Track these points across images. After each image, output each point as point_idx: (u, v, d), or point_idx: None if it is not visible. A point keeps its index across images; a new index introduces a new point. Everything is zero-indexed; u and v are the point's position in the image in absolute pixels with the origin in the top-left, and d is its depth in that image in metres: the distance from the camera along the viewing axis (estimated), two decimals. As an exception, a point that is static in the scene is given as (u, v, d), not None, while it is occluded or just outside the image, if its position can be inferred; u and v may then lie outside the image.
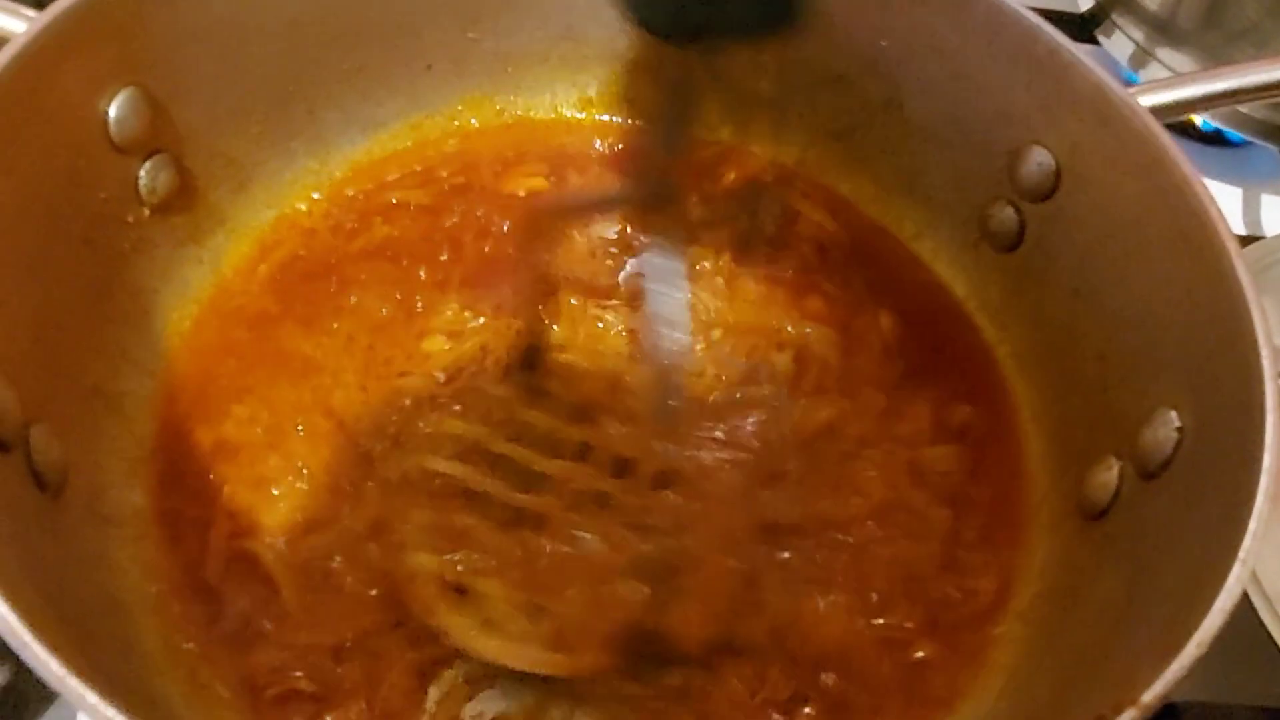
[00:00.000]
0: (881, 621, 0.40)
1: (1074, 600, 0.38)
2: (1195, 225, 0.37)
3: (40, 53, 0.36)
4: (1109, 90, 0.41)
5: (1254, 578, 0.40)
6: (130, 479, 0.41)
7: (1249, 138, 0.65)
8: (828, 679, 0.39)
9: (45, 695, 0.42)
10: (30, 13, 0.37)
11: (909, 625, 0.40)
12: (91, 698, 0.24)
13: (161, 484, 0.42)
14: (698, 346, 0.48)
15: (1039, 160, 0.45)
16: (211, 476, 0.43)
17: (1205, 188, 0.38)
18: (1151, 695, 0.25)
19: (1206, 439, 0.34)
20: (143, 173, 0.43)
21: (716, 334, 0.50)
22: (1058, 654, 0.36)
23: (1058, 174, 0.45)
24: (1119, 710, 0.25)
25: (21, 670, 0.40)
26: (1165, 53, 0.66)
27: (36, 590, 0.30)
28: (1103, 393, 0.42)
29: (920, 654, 0.39)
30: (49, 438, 0.35)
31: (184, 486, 0.42)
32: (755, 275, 0.52)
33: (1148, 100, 0.41)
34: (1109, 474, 0.39)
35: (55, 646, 0.26)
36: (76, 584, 0.35)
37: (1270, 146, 0.65)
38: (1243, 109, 0.62)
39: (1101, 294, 0.43)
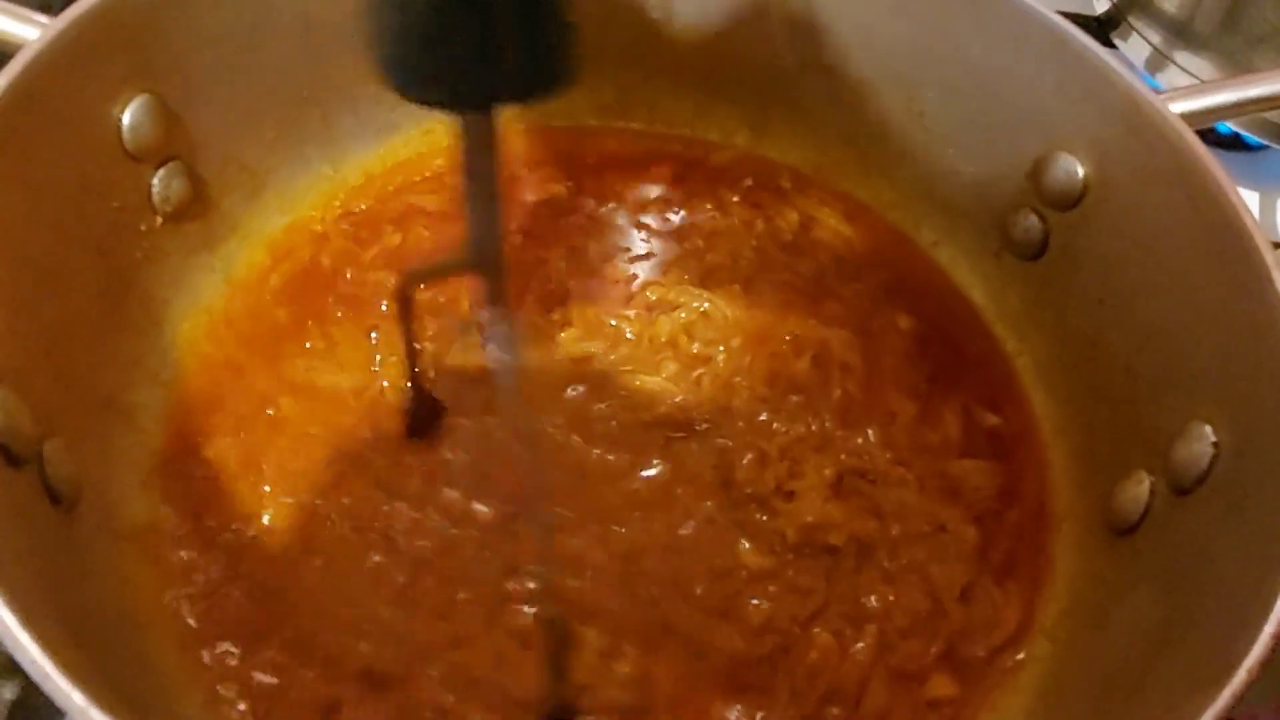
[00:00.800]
0: (897, 653, 0.40)
1: (1104, 619, 0.37)
2: (1230, 236, 0.37)
3: (53, 60, 0.36)
4: (1140, 97, 0.41)
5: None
6: (144, 492, 0.40)
7: (1267, 142, 0.64)
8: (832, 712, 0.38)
9: (57, 710, 0.41)
10: (43, 19, 0.37)
11: (927, 657, 0.39)
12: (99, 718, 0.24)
13: (174, 496, 0.41)
14: (719, 355, 0.48)
15: (1065, 167, 0.45)
16: (225, 488, 0.42)
17: (1240, 197, 0.37)
18: (1204, 722, 0.24)
19: (1244, 454, 0.34)
20: (156, 181, 0.42)
21: (736, 342, 0.49)
22: (1089, 675, 0.35)
23: (1085, 182, 0.44)
24: (1170, 740, 0.24)
25: (31, 687, 0.39)
26: (1183, 56, 0.65)
27: (52, 609, 0.30)
28: (1130, 405, 0.41)
29: (935, 693, 0.39)
30: (62, 452, 0.35)
31: (197, 498, 0.42)
32: (773, 282, 0.52)
33: (1179, 107, 0.40)
34: (1139, 489, 0.38)
35: (66, 664, 0.26)
36: (92, 600, 0.35)
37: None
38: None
39: (1130, 305, 0.42)
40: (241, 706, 0.37)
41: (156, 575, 0.39)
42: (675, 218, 0.54)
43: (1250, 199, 0.68)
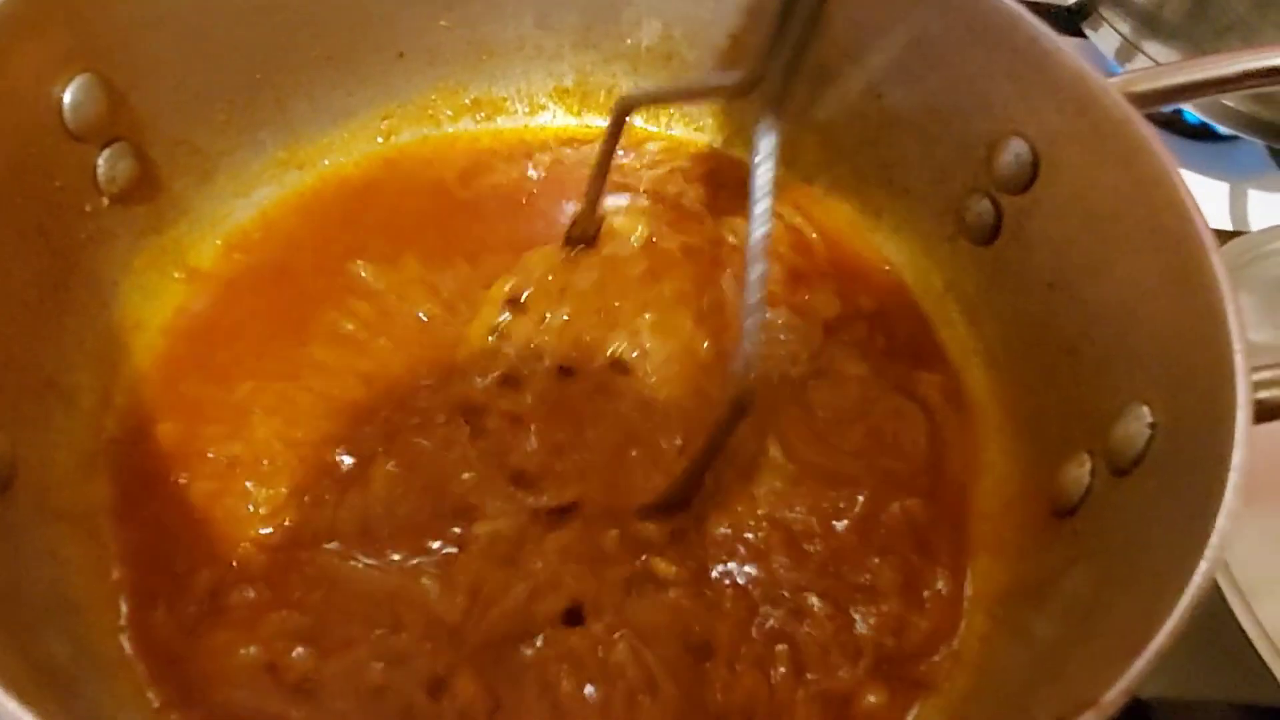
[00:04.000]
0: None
1: (1041, 597, 0.37)
2: (1173, 218, 0.36)
3: (-13, 36, 0.35)
4: (1088, 78, 0.40)
5: (1227, 572, 0.39)
6: (85, 474, 0.40)
7: (1234, 131, 0.64)
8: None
9: None
10: (-22, -4, 0.36)
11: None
12: (10, 704, 0.23)
13: (118, 479, 0.41)
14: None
15: (1017, 151, 0.44)
16: (171, 471, 0.42)
17: (1183, 179, 0.37)
18: (1114, 694, 0.24)
19: (1179, 435, 0.34)
20: (101, 161, 0.42)
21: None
22: (1023, 651, 0.35)
23: (1035, 165, 0.44)
24: (1080, 710, 0.24)
25: None
26: (1152, 46, 0.65)
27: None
28: (1075, 388, 0.41)
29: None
30: (-5, 432, 0.34)
31: (142, 481, 0.41)
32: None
33: (1128, 89, 0.40)
34: (1081, 470, 0.38)
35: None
36: (24, 581, 0.34)
37: (1256, 140, 0.64)
38: (1228, 102, 0.61)
39: (1077, 287, 0.42)
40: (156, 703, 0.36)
41: (95, 557, 0.39)
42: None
43: (1219, 189, 0.68)
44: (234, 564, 0.39)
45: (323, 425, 0.43)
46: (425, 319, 0.47)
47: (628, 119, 0.46)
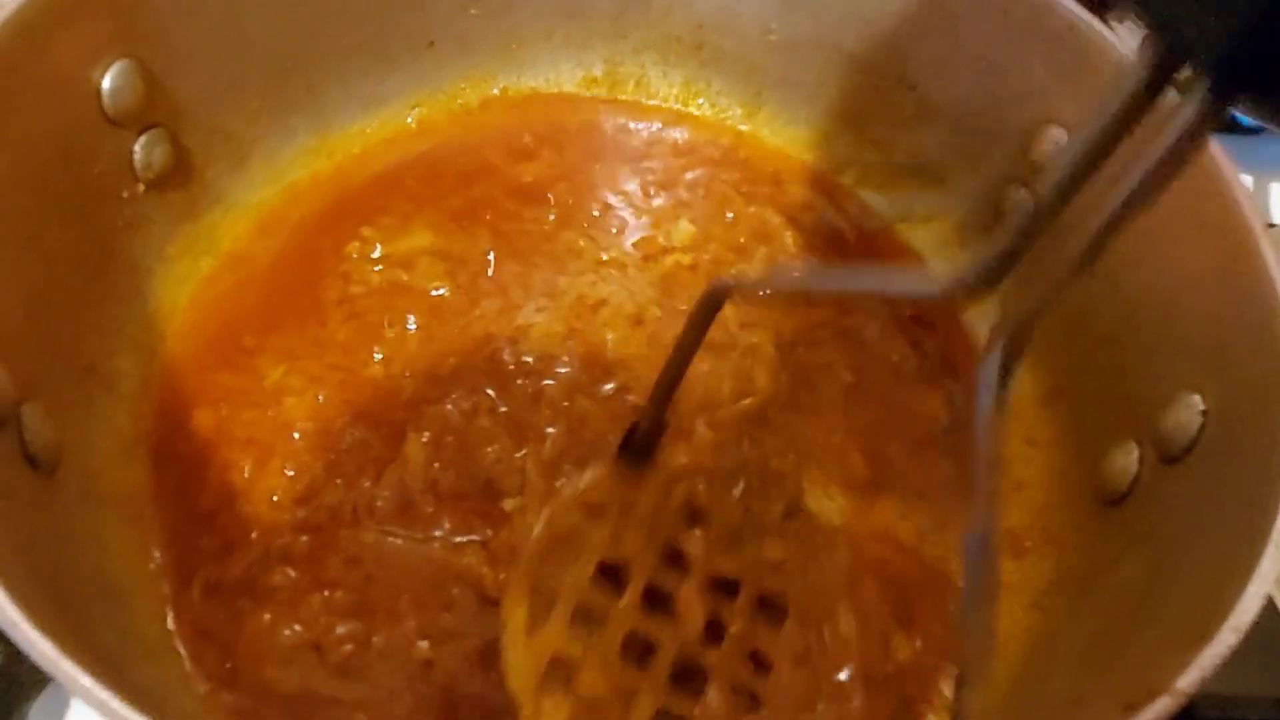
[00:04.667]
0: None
1: (1089, 587, 0.37)
2: (1218, 206, 0.36)
3: (30, 22, 0.35)
4: (1126, 64, 0.40)
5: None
6: (126, 459, 0.40)
7: (1261, 124, 0.64)
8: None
9: (39, 680, 0.41)
10: (19, -21, 0.36)
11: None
12: (85, 680, 0.23)
13: (158, 464, 0.41)
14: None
15: (1055, 140, 0.44)
16: (209, 456, 0.42)
17: (1230, 167, 0.37)
18: (1187, 682, 0.24)
19: (1231, 421, 0.34)
20: (138, 147, 0.42)
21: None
22: (1070, 642, 0.35)
23: (1074, 154, 0.44)
24: (1152, 697, 0.24)
25: (14, 654, 0.39)
26: None
27: (29, 571, 0.29)
28: (1119, 377, 0.41)
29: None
30: (42, 416, 0.34)
31: (181, 467, 0.41)
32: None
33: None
34: (1128, 459, 0.38)
35: (48, 629, 0.25)
36: (71, 566, 0.34)
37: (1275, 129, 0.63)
38: None
39: (1117, 276, 0.42)
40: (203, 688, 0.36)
41: (137, 541, 0.38)
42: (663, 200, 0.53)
43: (1244, 182, 0.68)
44: (274, 545, 0.39)
45: (353, 403, 0.43)
46: (446, 294, 0.47)
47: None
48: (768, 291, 0.40)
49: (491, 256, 0.49)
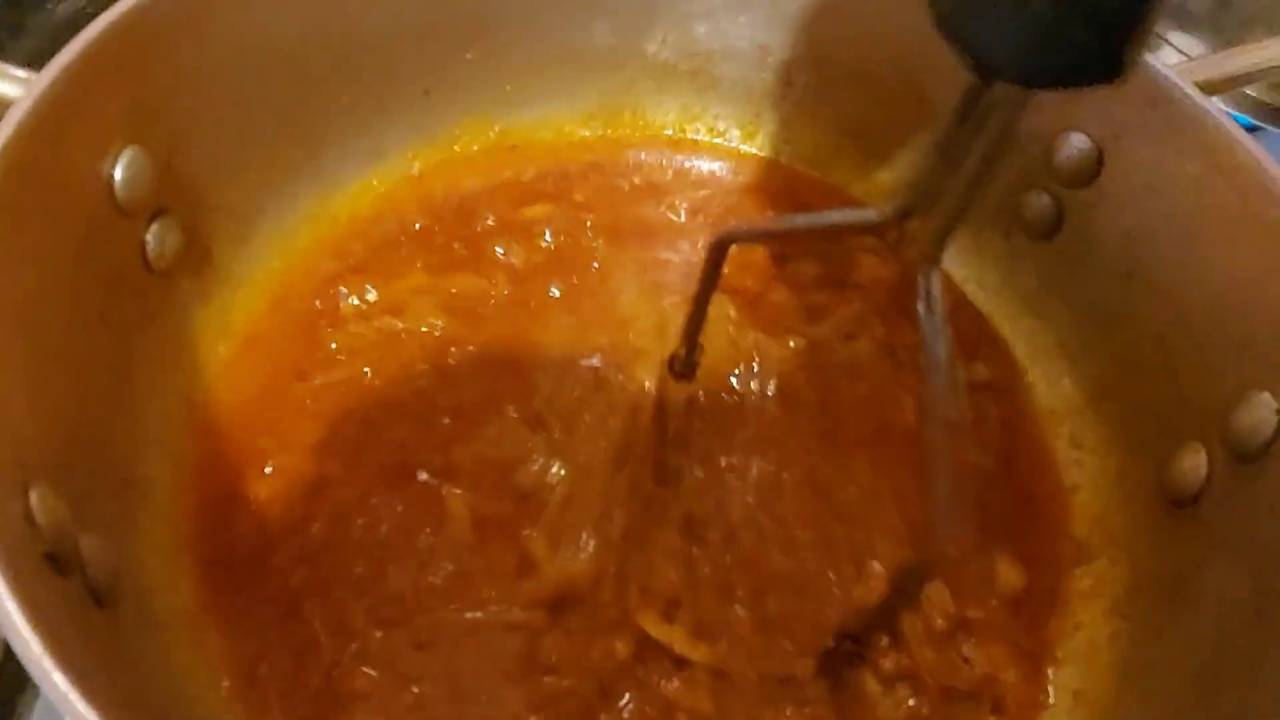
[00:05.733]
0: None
1: (1180, 593, 0.37)
2: (1268, 204, 0.37)
3: (43, 118, 0.32)
4: (1156, 72, 0.41)
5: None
6: (174, 573, 0.37)
7: (1257, 122, 0.65)
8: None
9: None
10: (21, 73, 0.33)
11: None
12: None
13: (204, 575, 0.38)
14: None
15: (1078, 146, 0.45)
16: (256, 554, 0.39)
17: (1274, 165, 0.37)
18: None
19: (1314, 419, 0.34)
20: (150, 236, 0.39)
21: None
22: (1183, 653, 0.35)
23: (1100, 159, 0.44)
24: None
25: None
26: (1178, 37, 0.66)
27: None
28: (1171, 377, 0.42)
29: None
30: (100, 548, 0.32)
31: (228, 575, 0.39)
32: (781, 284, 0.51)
33: (1195, 77, 0.41)
34: (1197, 459, 0.39)
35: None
36: (146, 696, 0.32)
37: (1275, 130, 0.65)
38: (1250, 92, 0.62)
39: (1158, 277, 0.43)
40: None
41: (203, 661, 0.36)
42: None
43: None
44: (346, 649, 0.37)
45: (387, 465, 0.42)
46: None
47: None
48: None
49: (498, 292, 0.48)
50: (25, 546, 0.26)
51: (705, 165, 0.56)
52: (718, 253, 0.38)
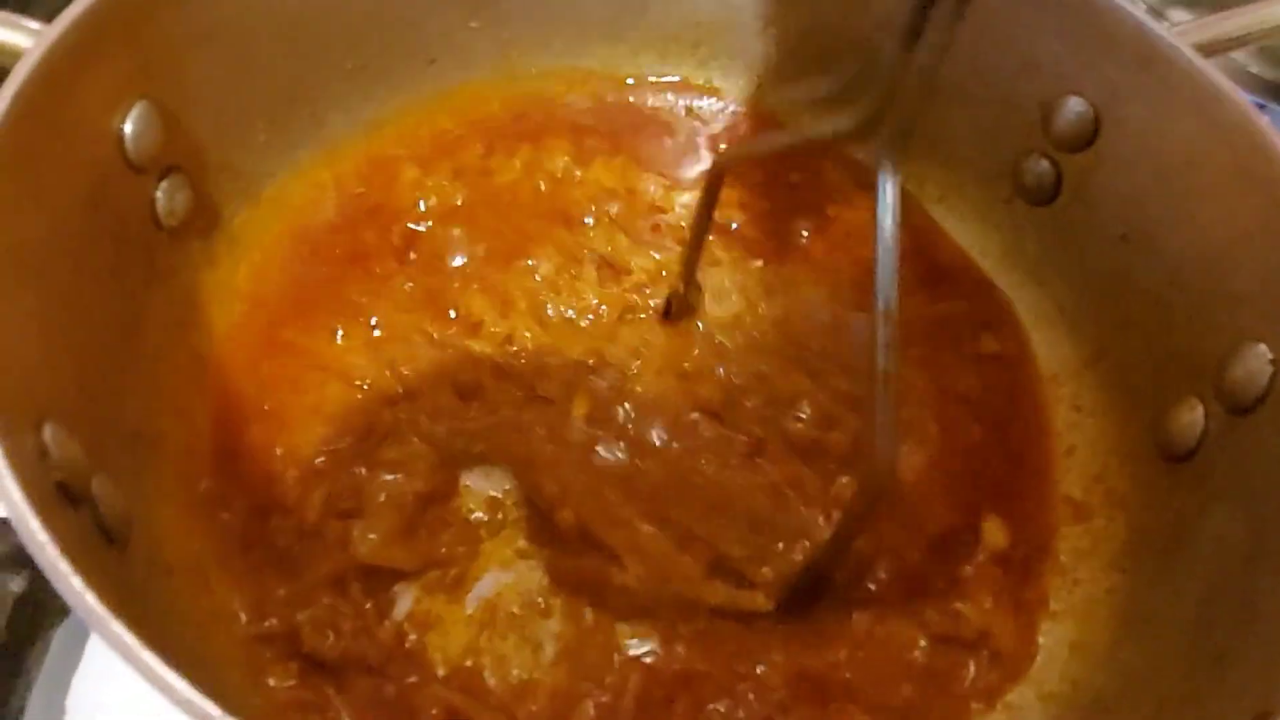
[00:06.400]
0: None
1: (1178, 544, 0.38)
2: (1260, 160, 0.37)
3: (53, 68, 0.33)
4: (1150, 32, 0.41)
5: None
6: (185, 524, 0.38)
7: (1257, 99, 0.66)
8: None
9: (63, 606, 0.38)
10: (34, 24, 0.34)
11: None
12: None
13: (214, 525, 0.39)
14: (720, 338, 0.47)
15: (1076, 110, 0.45)
16: (262, 507, 0.40)
17: (1265, 120, 0.38)
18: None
19: (1307, 367, 0.35)
20: (160, 193, 0.40)
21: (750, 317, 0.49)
22: (1179, 601, 0.36)
23: (1096, 122, 0.45)
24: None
25: (39, 581, 0.39)
26: (1178, 13, 0.66)
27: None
28: (1167, 335, 0.42)
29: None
30: (111, 487, 0.32)
31: (237, 524, 0.39)
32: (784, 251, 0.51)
33: (1191, 38, 0.41)
34: (1193, 414, 0.39)
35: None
36: (156, 639, 0.32)
37: (1278, 108, 0.65)
38: (1253, 69, 0.62)
39: (1155, 237, 0.43)
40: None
41: (212, 611, 0.37)
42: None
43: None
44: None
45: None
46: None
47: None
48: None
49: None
50: (39, 474, 0.27)
51: (708, 130, 0.56)
52: (715, 181, 0.40)
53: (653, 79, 0.56)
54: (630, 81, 0.55)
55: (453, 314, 0.46)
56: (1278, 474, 0.34)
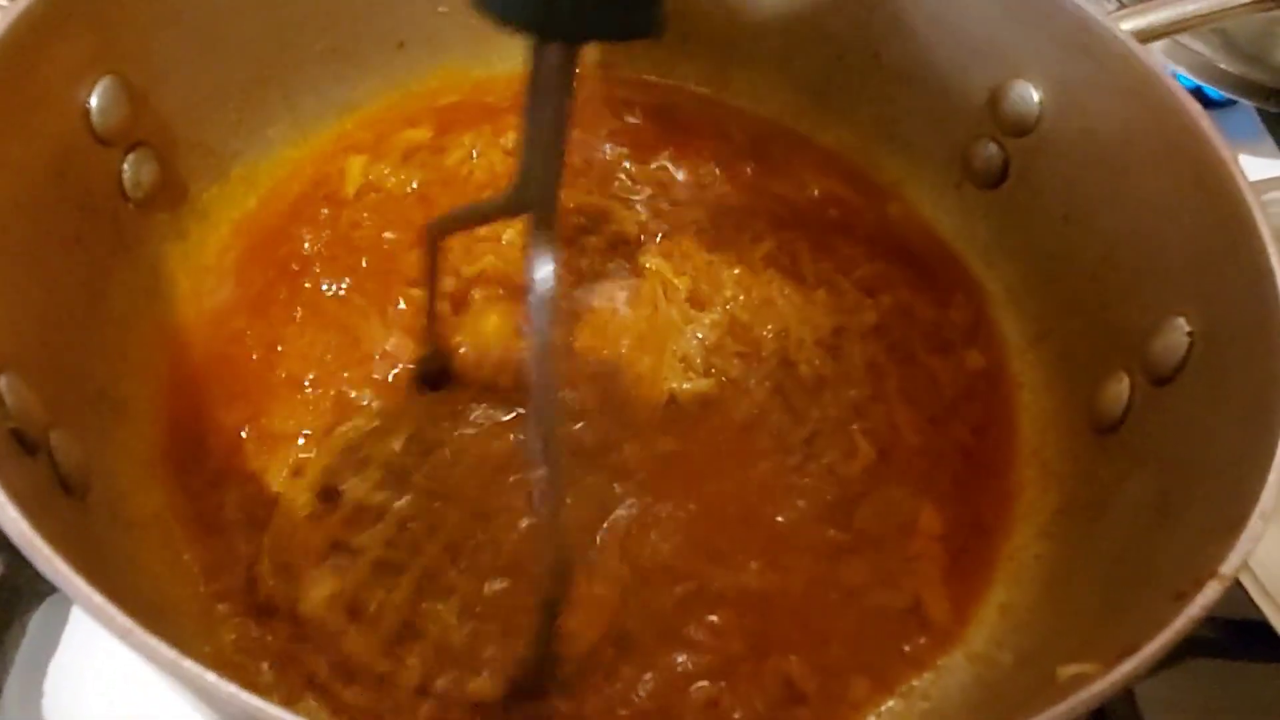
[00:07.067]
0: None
1: (1100, 510, 0.39)
2: (1188, 138, 0.39)
3: (20, 41, 0.34)
4: (1089, 18, 0.43)
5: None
6: (147, 482, 0.40)
7: (1229, 95, 0.66)
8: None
9: (40, 590, 0.42)
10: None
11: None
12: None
13: (177, 485, 0.41)
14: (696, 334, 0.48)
15: (1021, 95, 0.46)
16: (224, 472, 0.41)
17: (1194, 102, 0.39)
18: (1229, 567, 0.26)
19: (1219, 338, 0.36)
20: (126, 166, 0.41)
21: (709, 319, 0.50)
22: (1094, 561, 0.37)
23: (1040, 106, 0.46)
24: (1200, 584, 0.26)
25: (16, 563, 0.40)
26: None
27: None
28: (1103, 312, 0.43)
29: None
30: (69, 441, 0.34)
31: (199, 486, 0.41)
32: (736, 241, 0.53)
33: (1128, 25, 0.42)
34: (1120, 386, 0.40)
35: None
36: (115, 590, 0.34)
37: (1249, 104, 0.66)
38: (1223, 65, 0.63)
39: (1093, 217, 0.44)
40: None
41: (170, 564, 0.38)
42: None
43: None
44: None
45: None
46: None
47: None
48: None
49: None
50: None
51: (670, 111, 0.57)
52: (430, 245, 0.40)
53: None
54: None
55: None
56: (1187, 441, 0.35)
